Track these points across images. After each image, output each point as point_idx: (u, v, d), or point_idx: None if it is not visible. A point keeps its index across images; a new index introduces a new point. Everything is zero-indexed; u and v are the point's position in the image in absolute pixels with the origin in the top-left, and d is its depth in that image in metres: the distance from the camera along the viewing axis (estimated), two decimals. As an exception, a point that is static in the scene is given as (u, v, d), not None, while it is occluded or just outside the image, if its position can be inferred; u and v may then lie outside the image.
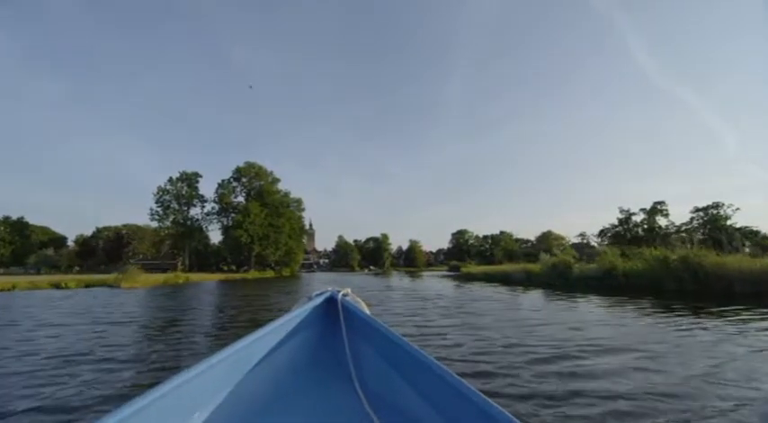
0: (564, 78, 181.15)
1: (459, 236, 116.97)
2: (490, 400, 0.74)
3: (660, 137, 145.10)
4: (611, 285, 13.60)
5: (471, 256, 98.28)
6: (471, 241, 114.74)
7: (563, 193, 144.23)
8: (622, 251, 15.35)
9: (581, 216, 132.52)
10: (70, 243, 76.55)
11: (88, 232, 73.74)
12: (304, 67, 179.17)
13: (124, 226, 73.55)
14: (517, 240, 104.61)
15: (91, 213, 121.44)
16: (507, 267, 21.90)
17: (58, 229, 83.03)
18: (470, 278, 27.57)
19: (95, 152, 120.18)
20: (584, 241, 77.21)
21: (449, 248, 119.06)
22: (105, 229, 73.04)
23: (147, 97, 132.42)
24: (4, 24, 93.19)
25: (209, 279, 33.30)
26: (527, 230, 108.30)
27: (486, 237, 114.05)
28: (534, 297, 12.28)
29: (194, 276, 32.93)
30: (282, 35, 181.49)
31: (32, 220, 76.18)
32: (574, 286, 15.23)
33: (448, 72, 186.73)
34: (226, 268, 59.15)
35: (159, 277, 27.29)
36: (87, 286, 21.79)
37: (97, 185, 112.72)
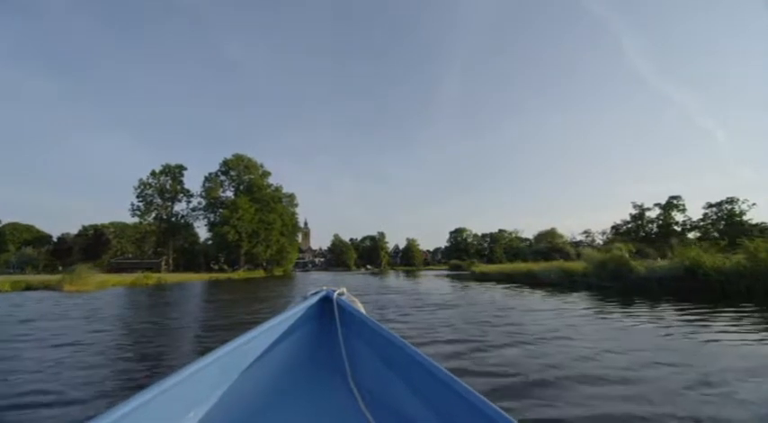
0: (561, 78, 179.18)
1: (458, 234, 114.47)
2: (486, 398, 0.73)
3: (654, 137, 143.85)
4: (695, 288, 10.23)
5: (470, 255, 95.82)
6: (470, 240, 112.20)
7: (558, 192, 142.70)
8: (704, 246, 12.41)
9: (577, 216, 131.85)
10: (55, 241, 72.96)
11: (74, 231, 70.44)
12: (300, 66, 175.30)
13: (111, 224, 69.86)
14: (513, 239, 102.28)
15: (91, 212, 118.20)
16: (534, 266, 18.55)
17: (47, 228, 79.42)
18: (484, 278, 24.13)
19: (89, 151, 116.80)
20: (590, 239, 74.75)
21: (446, 247, 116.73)
22: (92, 226, 69.50)
23: (142, 95, 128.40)
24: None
25: (189, 280, 29.50)
26: (523, 229, 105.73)
27: (484, 235, 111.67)
28: (603, 307, 8.90)
29: (171, 277, 29.15)
30: (278, 33, 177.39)
31: (23, 219, 72.98)
32: (635, 289, 11.88)
33: (444, 71, 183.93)
34: (216, 268, 55.27)
35: (125, 278, 23.54)
36: (28, 288, 18.08)
37: (92, 184, 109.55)
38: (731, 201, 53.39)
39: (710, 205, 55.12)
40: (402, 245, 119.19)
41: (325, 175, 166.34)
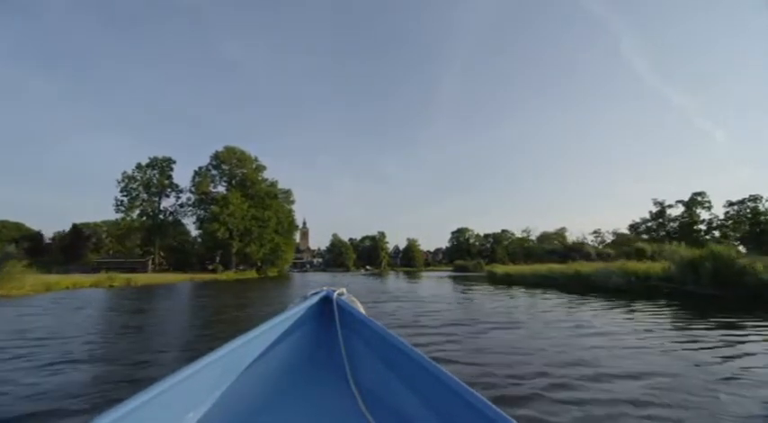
0: (560, 78, 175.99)
1: (460, 234, 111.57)
2: (486, 399, 0.73)
3: (654, 137, 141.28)
4: None
5: (472, 256, 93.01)
6: (472, 240, 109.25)
7: (558, 192, 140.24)
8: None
9: (577, 216, 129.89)
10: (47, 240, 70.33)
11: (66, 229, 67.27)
12: (300, 66, 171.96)
13: (104, 222, 66.82)
14: (520, 239, 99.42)
15: (90, 212, 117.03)
16: (582, 267, 14.94)
17: (51, 228, 76.81)
18: (507, 281, 20.60)
19: (89, 150, 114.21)
20: (599, 239, 71.74)
21: (448, 248, 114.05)
22: (84, 225, 66.36)
23: (142, 95, 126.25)
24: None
25: (166, 281, 25.88)
26: (534, 228, 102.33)
27: (487, 235, 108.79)
28: None
29: (146, 278, 25.57)
30: (278, 33, 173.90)
31: (23, 219, 70.18)
32: (760, 299, 8.49)
33: (444, 71, 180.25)
34: (211, 268, 51.47)
35: (85, 279, 19.98)
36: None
37: (92, 184, 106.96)
38: (754, 199, 50.18)
39: (731, 203, 51.91)
40: (402, 245, 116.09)
41: (324, 175, 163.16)
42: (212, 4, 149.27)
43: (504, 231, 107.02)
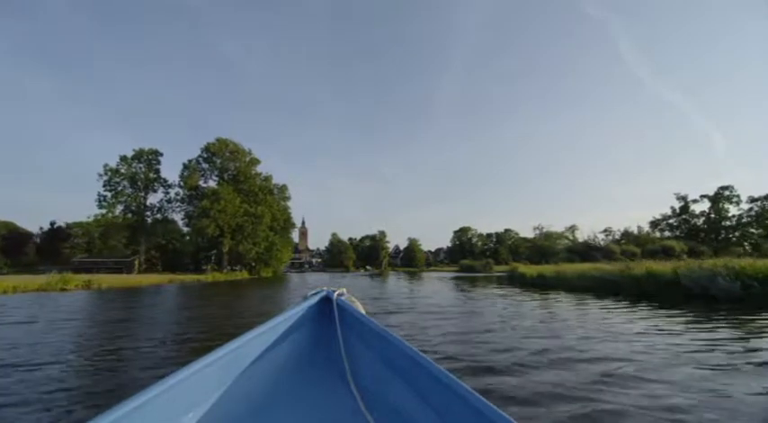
0: (561, 79, 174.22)
1: (462, 234, 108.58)
2: (486, 400, 0.73)
3: (650, 139, 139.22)
4: None
5: (475, 255, 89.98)
6: (474, 239, 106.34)
7: (558, 192, 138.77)
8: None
9: (577, 216, 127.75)
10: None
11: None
12: (300, 67, 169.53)
13: (96, 221, 63.82)
14: (529, 238, 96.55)
15: (90, 211, 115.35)
16: (658, 266, 11.17)
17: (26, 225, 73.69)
18: (540, 285, 17.30)
19: (89, 150, 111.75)
20: (610, 237, 68.61)
21: (449, 247, 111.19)
22: (77, 224, 63.08)
23: (142, 96, 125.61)
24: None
25: (139, 283, 22.44)
26: (549, 225, 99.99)
27: (489, 234, 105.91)
28: None
29: (116, 280, 22.17)
30: (277, 34, 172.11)
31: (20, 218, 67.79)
32: None
33: (445, 71, 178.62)
34: (205, 267, 47.92)
35: (30, 281, 16.62)
36: None
37: (93, 183, 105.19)
38: (781, 194, 46.88)
39: (753, 199, 48.72)
40: (402, 245, 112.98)
41: (324, 176, 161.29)
42: (212, 5, 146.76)
43: (507, 230, 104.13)
